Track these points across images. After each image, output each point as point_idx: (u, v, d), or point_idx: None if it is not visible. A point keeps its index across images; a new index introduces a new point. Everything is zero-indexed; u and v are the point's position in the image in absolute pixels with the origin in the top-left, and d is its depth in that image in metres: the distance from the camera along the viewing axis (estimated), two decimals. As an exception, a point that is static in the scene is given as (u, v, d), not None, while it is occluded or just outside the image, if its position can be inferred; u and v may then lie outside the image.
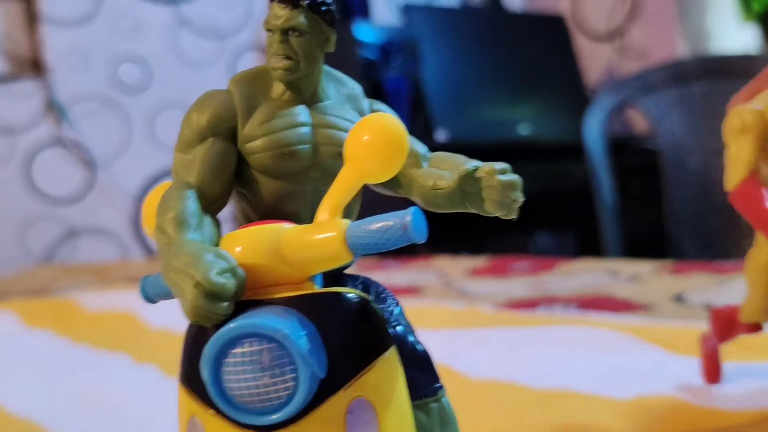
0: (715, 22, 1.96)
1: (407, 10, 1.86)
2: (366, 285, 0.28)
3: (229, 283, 0.22)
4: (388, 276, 1.12)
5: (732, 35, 1.96)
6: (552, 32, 2.08)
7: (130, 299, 0.94)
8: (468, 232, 1.68)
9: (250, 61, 1.94)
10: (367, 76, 1.62)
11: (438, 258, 1.29)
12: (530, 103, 1.95)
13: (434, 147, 0.28)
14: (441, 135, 1.66)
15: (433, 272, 1.14)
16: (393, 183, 0.27)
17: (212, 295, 0.22)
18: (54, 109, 1.72)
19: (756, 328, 0.43)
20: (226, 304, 0.22)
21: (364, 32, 1.69)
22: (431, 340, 0.28)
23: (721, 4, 1.98)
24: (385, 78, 1.66)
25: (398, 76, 1.68)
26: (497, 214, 0.25)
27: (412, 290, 0.98)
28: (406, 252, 1.38)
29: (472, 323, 0.74)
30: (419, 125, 1.67)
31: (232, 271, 0.22)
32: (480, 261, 1.22)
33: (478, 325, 0.73)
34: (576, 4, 2.21)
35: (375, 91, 1.61)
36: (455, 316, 0.79)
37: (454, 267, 1.18)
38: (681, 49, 2.02)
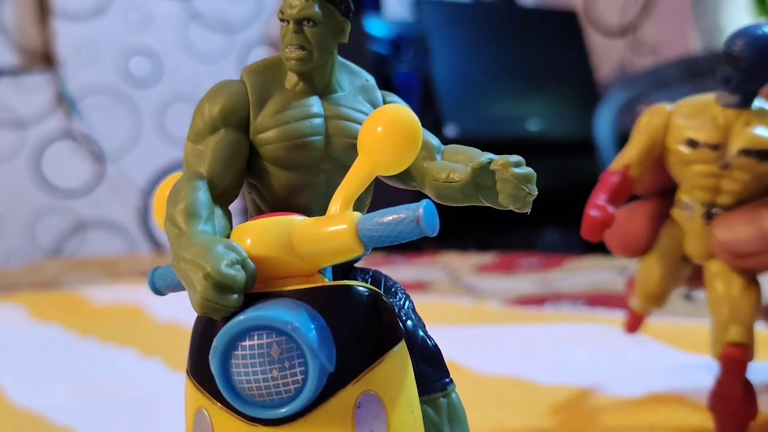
0: (728, 17, 1.94)
1: (418, 5, 1.85)
2: (376, 278, 0.27)
3: (239, 274, 0.22)
4: (395, 271, 1.12)
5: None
6: (564, 27, 2.07)
7: (137, 293, 0.95)
8: (475, 228, 1.67)
9: (261, 55, 1.94)
10: (377, 70, 1.62)
11: (445, 254, 1.29)
12: (541, 99, 1.94)
13: (444, 142, 0.28)
14: (451, 130, 1.66)
15: (440, 268, 1.14)
16: (406, 176, 0.27)
17: (222, 286, 0.21)
18: (64, 102, 1.73)
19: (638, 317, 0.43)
20: (235, 296, 0.22)
21: (375, 26, 1.69)
22: (438, 335, 0.28)
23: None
24: (395, 72, 1.65)
25: (409, 71, 1.67)
26: (511, 208, 0.24)
27: (418, 286, 0.98)
28: (413, 247, 1.38)
29: (480, 320, 0.74)
30: (429, 120, 1.67)
31: (242, 262, 0.22)
32: (487, 257, 1.22)
33: (485, 321, 0.73)
34: None
35: (385, 85, 1.60)
36: (462, 313, 0.79)
37: (461, 263, 1.18)
38: (694, 45, 2.00)
